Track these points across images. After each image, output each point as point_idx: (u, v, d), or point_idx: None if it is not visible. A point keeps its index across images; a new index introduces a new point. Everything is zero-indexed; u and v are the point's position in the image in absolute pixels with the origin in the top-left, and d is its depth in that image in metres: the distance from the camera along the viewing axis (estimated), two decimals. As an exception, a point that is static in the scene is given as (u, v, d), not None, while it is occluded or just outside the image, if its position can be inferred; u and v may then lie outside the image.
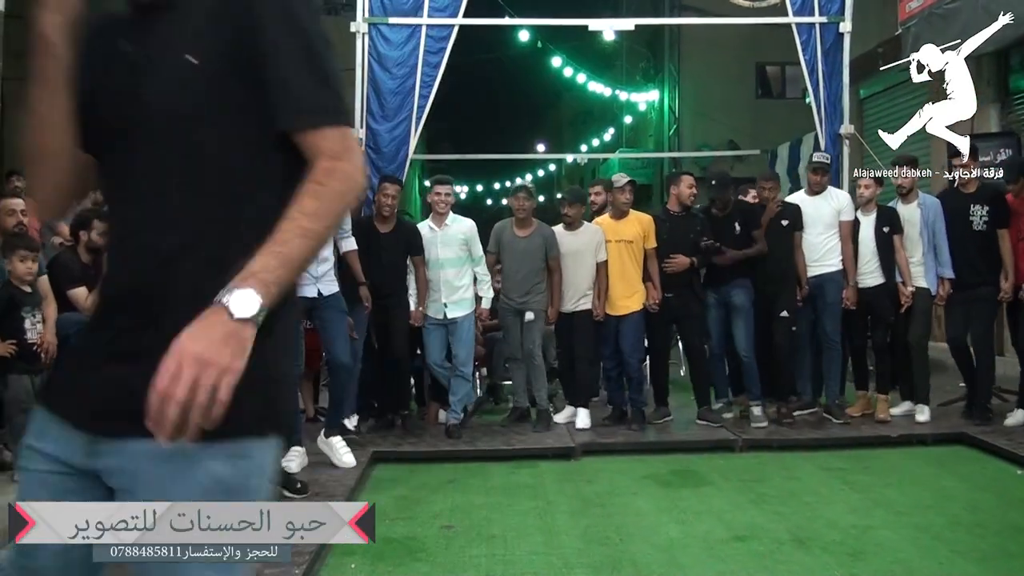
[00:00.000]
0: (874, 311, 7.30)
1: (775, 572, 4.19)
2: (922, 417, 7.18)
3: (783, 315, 7.17)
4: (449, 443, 6.78)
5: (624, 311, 7.19)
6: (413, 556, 4.46)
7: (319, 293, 5.67)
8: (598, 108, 28.33)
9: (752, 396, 7.37)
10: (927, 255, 7.16)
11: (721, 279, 7.27)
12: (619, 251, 7.23)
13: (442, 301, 7.01)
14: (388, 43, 9.90)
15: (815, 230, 7.29)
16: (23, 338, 5.13)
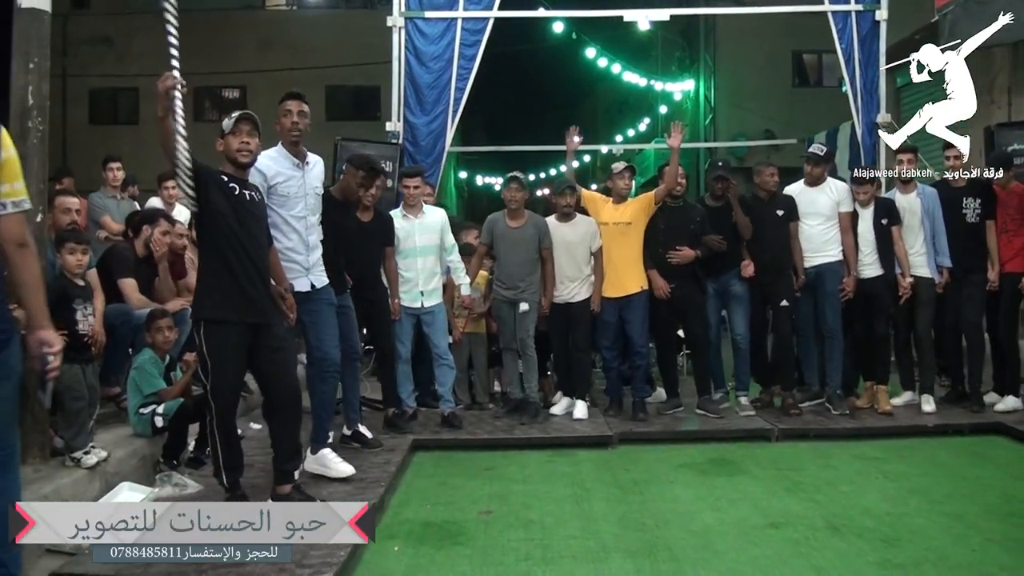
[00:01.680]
0: (873, 302, 7.30)
1: (809, 558, 4.28)
2: (928, 407, 7.23)
3: (783, 304, 7.23)
4: (487, 431, 6.87)
5: (625, 292, 7.16)
6: (453, 540, 4.60)
7: (312, 286, 5.26)
8: (633, 98, 28.21)
9: (741, 385, 7.47)
10: (927, 244, 7.26)
11: (720, 269, 7.32)
12: (619, 232, 7.19)
13: (419, 290, 6.95)
14: (424, 37, 10.02)
15: (814, 221, 7.33)
16: (75, 329, 5.26)
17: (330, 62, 21.67)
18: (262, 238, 4.71)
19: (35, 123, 5.08)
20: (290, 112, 5.14)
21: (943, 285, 7.26)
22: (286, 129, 5.15)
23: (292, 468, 4.79)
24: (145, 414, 5.67)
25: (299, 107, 5.17)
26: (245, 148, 4.59)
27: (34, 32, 5.13)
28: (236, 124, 4.61)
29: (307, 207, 5.20)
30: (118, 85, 22.72)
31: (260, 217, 4.73)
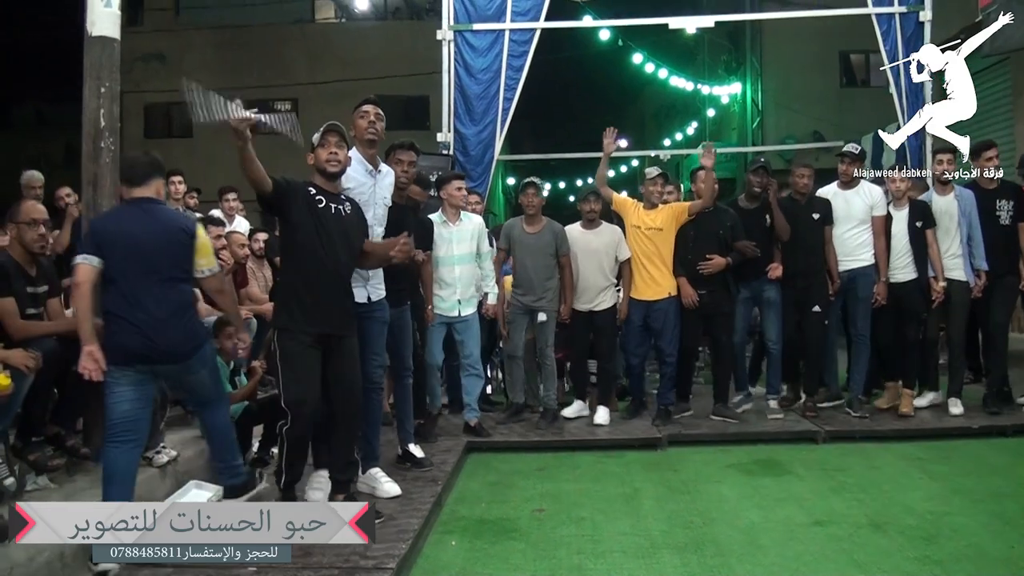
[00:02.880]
0: (906, 306, 7.28)
1: (852, 554, 4.41)
2: (956, 410, 7.21)
3: (815, 310, 7.21)
4: (538, 433, 7.05)
5: (653, 297, 7.19)
6: (507, 535, 4.81)
7: (368, 299, 5.16)
8: (680, 102, 28.21)
9: (772, 390, 7.50)
10: (963, 247, 7.18)
11: (753, 274, 7.31)
12: (649, 237, 7.20)
13: (456, 298, 6.82)
14: (473, 50, 10.28)
15: (847, 224, 7.31)
16: None
17: (379, 73, 22.01)
18: (346, 251, 4.70)
19: (107, 143, 5.38)
20: (367, 114, 5.18)
21: (981, 288, 7.19)
22: (362, 129, 5.15)
23: (347, 478, 4.85)
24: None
25: (375, 110, 5.20)
26: (334, 159, 4.67)
27: (105, 58, 5.44)
28: (324, 136, 4.71)
29: (375, 216, 5.16)
30: (171, 99, 23.29)
31: (346, 230, 4.71)
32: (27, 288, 5.02)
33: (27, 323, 4.90)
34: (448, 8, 10.35)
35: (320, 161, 4.70)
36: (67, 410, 5.14)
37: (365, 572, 3.90)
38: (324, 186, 4.70)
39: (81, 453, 5.13)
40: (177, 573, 3.96)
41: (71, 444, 5.09)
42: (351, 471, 4.93)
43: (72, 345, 4.94)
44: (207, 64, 23.43)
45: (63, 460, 4.99)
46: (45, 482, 4.85)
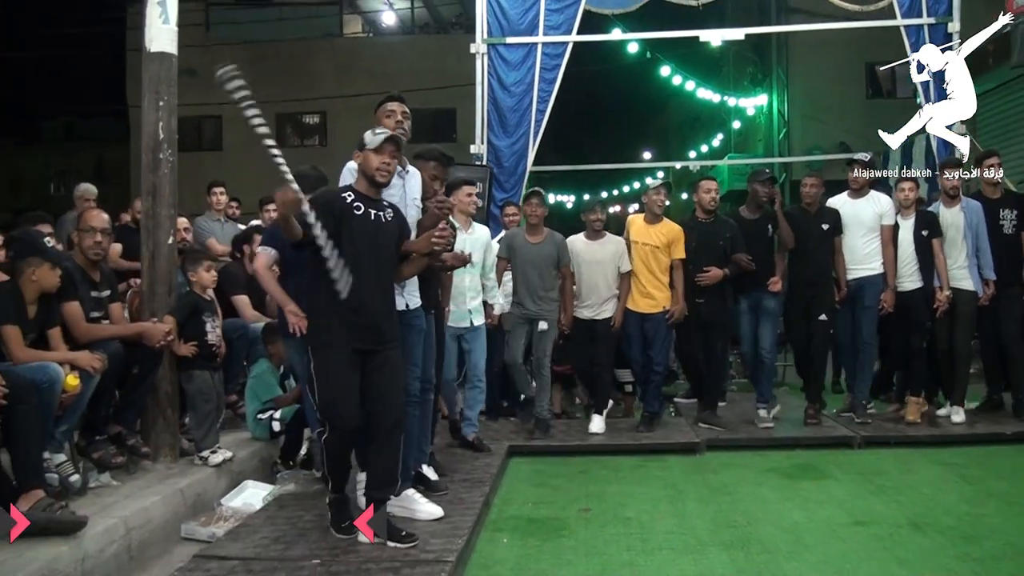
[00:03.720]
0: (911, 315, 7.34)
1: (894, 551, 4.52)
2: (957, 418, 7.27)
3: (821, 318, 7.29)
4: (579, 437, 7.18)
5: (648, 310, 7.25)
6: (557, 533, 4.94)
7: (406, 306, 4.89)
8: (706, 114, 28.28)
9: (761, 398, 7.55)
10: (970, 257, 7.24)
11: (754, 284, 7.37)
12: (645, 253, 7.25)
13: (467, 308, 6.62)
14: (506, 64, 10.40)
15: (856, 232, 7.36)
16: (204, 339, 5.73)
17: (407, 86, 21.98)
18: (387, 260, 4.46)
19: (165, 155, 5.58)
20: (393, 112, 4.98)
21: (988, 297, 7.26)
22: (389, 129, 4.75)
23: (382, 496, 4.48)
24: (263, 419, 6.14)
25: (402, 108, 5.01)
26: (385, 168, 4.40)
27: (163, 73, 5.63)
28: (384, 143, 4.40)
29: (408, 218, 4.82)
30: (202, 113, 23.59)
31: (387, 238, 4.45)
32: (91, 293, 5.23)
33: (92, 326, 5.11)
34: (481, 22, 10.47)
35: (370, 167, 4.39)
36: (128, 411, 5.33)
37: (426, 565, 4.03)
38: (366, 192, 4.43)
39: (142, 452, 5.31)
40: (243, 565, 4.13)
41: (132, 443, 5.28)
42: (387, 490, 4.52)
43: (133, 348, 5.16)
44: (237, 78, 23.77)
45: (124, 458, 5.18)
46: (107, 479, 5.03)
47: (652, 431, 7.28)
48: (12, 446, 4.28)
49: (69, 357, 4.70)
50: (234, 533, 4.69)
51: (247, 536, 4.59)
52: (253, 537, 4.56)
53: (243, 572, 4.06)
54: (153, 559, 4.52)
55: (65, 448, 4.80)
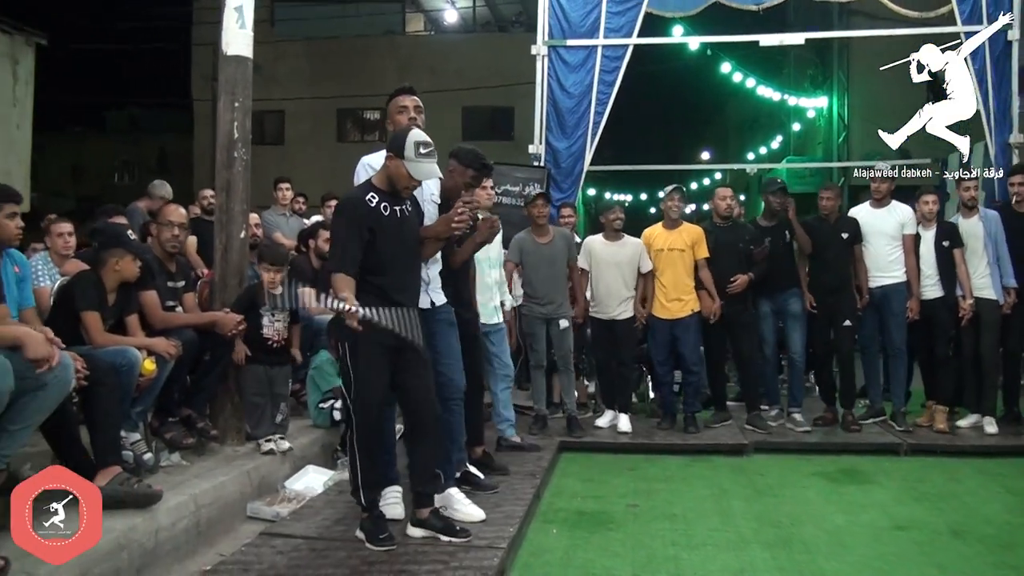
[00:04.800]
0: (934, 324, 7.43)
1: (932, 556, 4.64)
2: (990, 429, 7.27)
3: (846, 324, 7.40)
4: (628, 436, 7.33)
5: (677, 315, 7.37)
6: (604, 526, 5.14)
7: (431, 303, 4.82)
8: (765, 114, 28.14)
9: (794, 402, 7.65)
10: (991, 266, 7.25)
11: (776, 288, 7.52)
12: (672, 259, 7.39)
13: (493, 304, 6.52)
14: (566, 66, 10.55)
15: (879, 242, 7.47)
16: (259, 332, 5.96)
17: (466, 84, 22.54)
18: (413, 253, 4.50)
19: (240, 153, 5.83)
20: (405, 108, 4.84)
21: (1010, 305, 7.24)
22: (402, 126, 4.70)
23: (431, 491, 4.56)
24: (324, 408, 6.40)
25: (414, 102, 4.87)
26: (414, 187, 4.44)
27: (239, 76, 5.88)
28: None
29: (426, 215, 4.79)
30: (265, 108, 24.06)
31: (411, 231, 4.48)
32: (167, 283, 5.52)
33: (168, 314, 5.40)
34: (543, 24, 10.63)
35: (401, 180, 4.35)
36: (199, 395, 5.60)
37: (479, 550, 4.24)
38: (388, 190, 4.39)
39: (210, 434, 5.59)
40: (306, 543, 4.38)
41: (201, 426, 5.55)
42: (435, 484, 4.61)
43: (205, 336, 5.44)
44: (300, 74, 24.24)
45: (194, 440, 5.45)
46: (177, 459, 5.31)
47: (698, 431, 7.41)
48: (92, 425, 4.54)
49: (147, 343, 4.98)
50: (297, 514, 4.95)
51: (310, 517, 4.85)
52: (315, 518, 4.81)
53: (307, 550, 4.31)
54: (220, 535, 4.77)
55: (140, 428, 5.09)
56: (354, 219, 4.30)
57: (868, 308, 7.51)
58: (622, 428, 7.41)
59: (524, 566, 4.48)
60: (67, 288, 5.15)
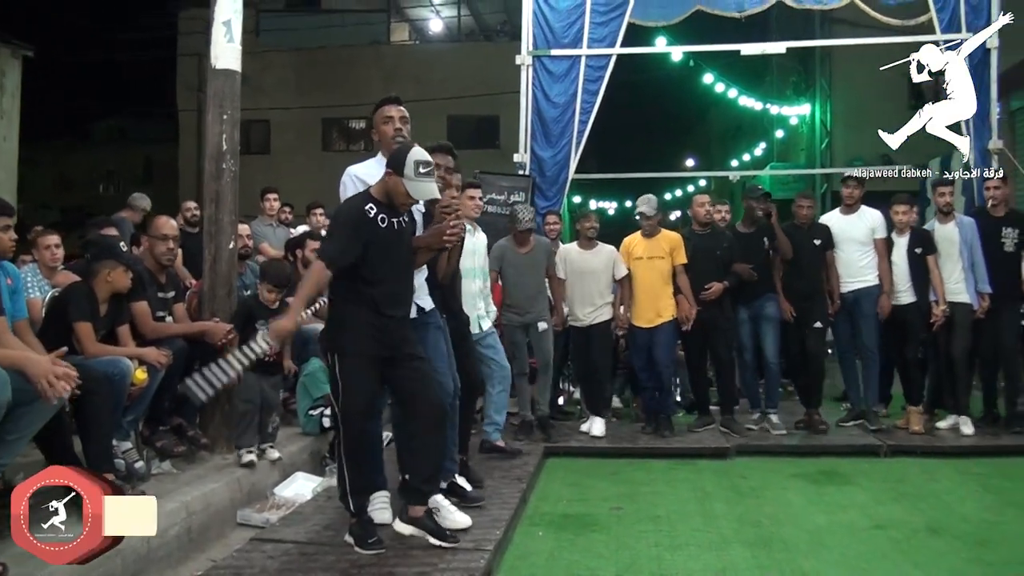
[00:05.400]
0: (907, 328, 7.57)
1: (909, 554, 4.75)
2: (967, 429, 7.41)
3: (816, 326, 7.53)
4: (612, 440, 7.46)
5: (654, 323, 7.48)
6: (589, 528, 5.23)
7: (419, 309, 4.79)
8: (748, 123, 28.26)
9: (771, 404, 7.76)
10: (966, 272, 7.39)
11: (753, 294, 7.64)
12: (650, 268, 7.51)
13: (476, 313, 6.37)
14: (551, 75, 10.66)
15: (850, 247, 7.62)
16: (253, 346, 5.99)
17: (452, 93, 22.65)
18: (408, 265, 4.53)
19: (228, 165, 5.93)
20: (391, 119, 4.77)
21: (984, 310, 7.41)
22: (388, 136, 4.73)
23: (428, 490, 4.56)
24: (314, 415, 6.49)
25: (400, 112, 4.81)
26: (410, 205, 4.48)
27: (228, 89, 5.98)
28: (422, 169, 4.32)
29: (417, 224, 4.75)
30: (251, 118, 24.05)
31: (406, 243, 4.48)
32: (158, 294, 5.60)
33: (158, 324, 5.49)
34: (527, 34, 10.74)
35: (399, 197, 4.35)
36: (188, 405, 5.66)
37: (466, 552, 4.33)
38: (385, 202, 4.38)
39: (201, 443, 5.67)
40: (297, 548, 4.47)
41: (191, 434, 5.63)
42: (433, 484, 4.62)
43: (195, 346, 5.52)
44: (285, 84, 24.29)
45: (184, 448, 5.53)
46: (168, 467, 5.40)
47: (672, 434, 7.50)
48: (84, 433, 4.63)
49: (138, 352, 5.06)
50: (287, 519, 5.04)
51: (300, 523, 4.93)
52: (305, 524, 4.90)
53: (297, 554, 4.39)
54: (211, 541, 4.86)
55: (131, 437, 5.17)
56: (352, 223, 4.32)
57: (841, 313, 7.66)
58: (595, 432, 7.49)
59: (510, 568, 4.57)
60: (59, 299, 5.23)
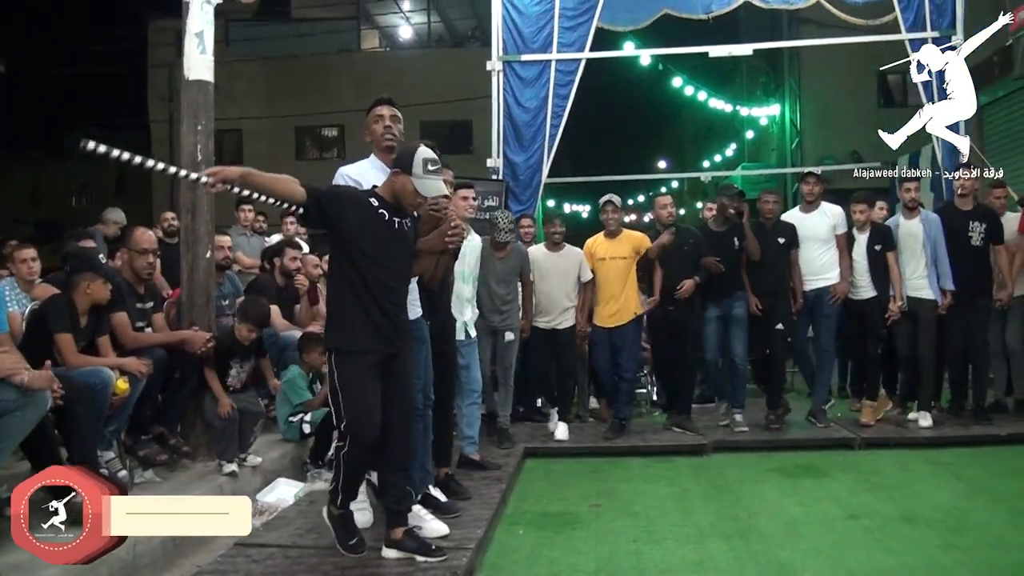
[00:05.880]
0: (867, 322, 7.69)
1: (883, 542, 4.87)
2: (925, 423, 7.56)
3: (778, 327, 7.58)
4: (591, 439, 7.55)
5: (618, 323, 7.52)
6: (569, 526, 5.32)
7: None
8: (719, 124, 28.53)
9: (737, 404, 7.84)
10: (929, 267, 7.50)
11: (723, 292, 7.67)
12: (614, 268, 7.53)
13: (464, 319, 6.24)
14: (521, 81, 10.77)
15: (811, 245, 7.67)
16: (224, 380, 5.97)
17: (424, 99, 22.64)
18: (408, 265, 4.43)
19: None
20: (382, 117, 4.76)
21: (946, 307, 7.52)
22: (378, 135, 4.72)
23: (404, 508, 4.47)
24: (294, 422, 6.53)
25: (391, 112, 4.77)
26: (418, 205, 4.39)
27: (201, 99, 6.04)
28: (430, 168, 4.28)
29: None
30: (223, 127, 23.92)
31: (407, 244, 4.39)
32: (137, 305, 5.64)
33: (138, 334, 5.53)
34: (497, 40, 10.83)
35: (408, 199, 4.28)
36: (170, 412, 5.72)
37: (448, 551, 4.39)
38: (391, 200, 4.30)
39: (182, 451, 5.71)
40: (280, 552, 4.52)
41: (173, 443, 5.67)
42: (408, 502, 4.54)
43: (174, 355, 5.56)
44: (257, 93, 24.24)
45: (167, 457, 5.56)
46: (151, 476, 5.43)
47: (620, 437, 7.53)
48: (69, 444, 4.67)
49: (119, 362, 5.10)
50: (270, 525, 5.10)
51: (282, 527, 4.99)
52: (288, 528, 4.96)
53: (281, 558, 4.45)
54: (195, 547, 4.86)
55: (114, 446, 5.22)
56: (349, 196, 4.26)
57: (803, 311, 7.73)
58: (559, 436, 7.49)
59: (492, 566, 4.64)
60: (40, 312, 5.26)
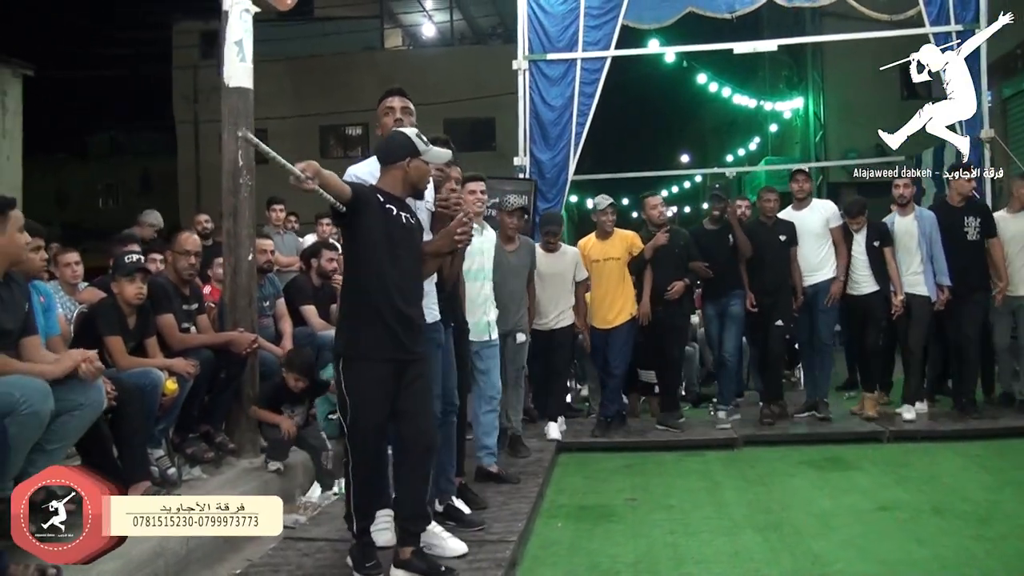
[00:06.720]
0: (868, 316, 7.78)
1: (914, 533, 4.98)
2: (908, 416, 7.65)
3: (778, 324, 7.68)
4: (623, 434, 7.69)
5: (612, 324, 7.57)
6: (607, 519, 5.46)
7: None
8: (742, 118, 28.49)
9: (723, 400, 7.97)
10: (925, 264, 7.55)
11: (721, 290, 7.81)
12: (608, 269, 7.58)
13: (486, 319, 6.00)
14: (547, 79, 10.84)
15: (807, 241, 7.78)
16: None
17: (447, 97, 22.80)
18: (417, 263, 4.24)
19: (244, 180, 6.12)
20: (392, 109, 4.60)
21: (943, 302, 7.58)
22: (389, 128, 4.51)
23: (417, 529, 4.20)
24: (334, 419, 6.66)
25: (402, 103, 4.62)
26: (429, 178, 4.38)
27: (242, 106, 6.16)
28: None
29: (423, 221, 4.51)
30: (247, 128, 24.20)
31: (415, 241, 4.24)
32: (182, 306, 5.81)
33: (185, 335, 5.69)
34: (523, 39, 10.91)
35: (422, 177, 4.25)
36: (216, 411, 5.89)
37: (491, 544, 4.56)
38: (396, 194, 4.18)
39: (228, 448, 5.88)
40: (328, 545, 4.67)
41: (219, 440, 5.84)
42: (421, 521, 4.27)
43: (220, 355, 5.72)
44: (281, 93, 24.37)
45: (213, 454, 5.73)
46: (198, 472, 5.59)
47: (607, 435, 7.59)
48: (120, 443, 4.82)
49: (167, 364, 5.26)
50: (316, 519, 5.28)
51: (328, 522, 5.16)
52: (333, 523, 5.10)
53: (330, 551, 4.61)
54: (245, 542, 5.00)
55: (163, 444, 5.37)
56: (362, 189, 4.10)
57: (803, 307, 7.82)
58: (551, 436, 7.45)
59: (534, 558, 4.78)
60: (88, 315, 5.44)
